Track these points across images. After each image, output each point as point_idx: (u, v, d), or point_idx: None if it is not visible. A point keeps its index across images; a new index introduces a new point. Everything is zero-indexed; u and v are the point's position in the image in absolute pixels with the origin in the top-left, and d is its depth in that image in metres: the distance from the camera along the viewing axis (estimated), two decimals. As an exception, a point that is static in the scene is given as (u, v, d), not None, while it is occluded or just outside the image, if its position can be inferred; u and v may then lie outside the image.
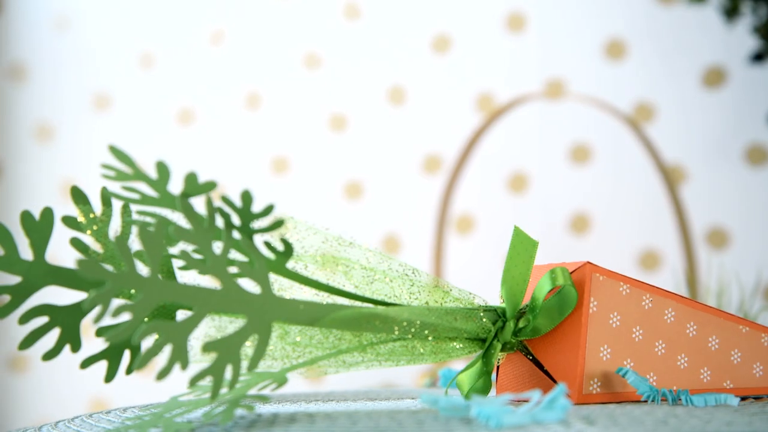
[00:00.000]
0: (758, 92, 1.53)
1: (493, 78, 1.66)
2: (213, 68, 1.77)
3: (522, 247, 0.57)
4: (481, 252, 1.63)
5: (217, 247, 0.47)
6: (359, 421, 0.49)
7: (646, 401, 0.57)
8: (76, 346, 0.49)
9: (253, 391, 0.66)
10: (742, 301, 1.14)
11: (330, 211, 1.70)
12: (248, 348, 0.52)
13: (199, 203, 0.61)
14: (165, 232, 0.46)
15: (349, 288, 0.56)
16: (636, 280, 0.58)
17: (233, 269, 0.48)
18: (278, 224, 0.50)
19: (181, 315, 0.54)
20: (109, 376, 0.52)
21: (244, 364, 0.52)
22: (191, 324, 0.46)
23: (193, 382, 0.47)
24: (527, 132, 1.63)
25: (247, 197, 0.50)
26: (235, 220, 0.51)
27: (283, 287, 0.54)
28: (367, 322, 0.52)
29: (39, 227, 0.48)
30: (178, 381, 0.65)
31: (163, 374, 0.46)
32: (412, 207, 1.67)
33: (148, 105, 1.79)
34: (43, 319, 0.48)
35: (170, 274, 0.53)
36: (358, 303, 0.55)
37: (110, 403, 1.76)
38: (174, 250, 0.51)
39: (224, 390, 0.50)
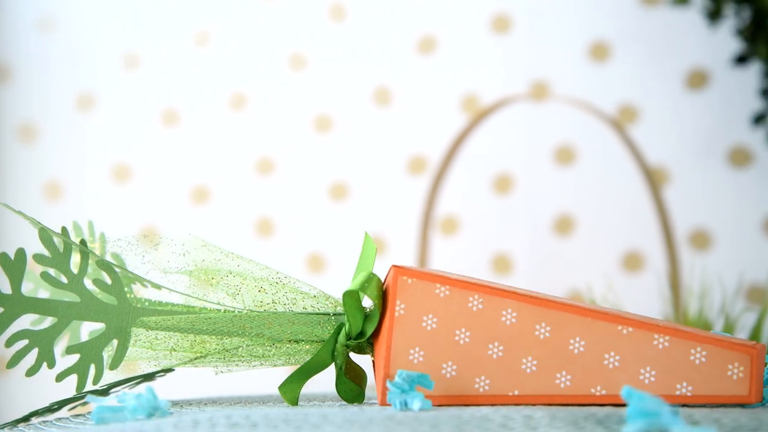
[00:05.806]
0: (741, 94, 1.53)
1: (478, 79, 1.66)
2: (198, 69, 1.77)
3: (367, 251, 0.59)
4: (466, 253, 1.63)
5: (74, 267, 0.57)
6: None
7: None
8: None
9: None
10: (724, 302, 1.14)
11: (315, 212, 1.70)
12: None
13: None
14: (24, 258, 0.56)
15: (237, 302, 0.61)
16: (464, 281, 0.56)
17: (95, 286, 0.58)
18: (102, 249, 0.59)
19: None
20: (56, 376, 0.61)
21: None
22: (55, 331, 0.57)
23: (59, 378, 0.57)
24: (512, 133, 1.63)
25: (63, 230, 0.58)
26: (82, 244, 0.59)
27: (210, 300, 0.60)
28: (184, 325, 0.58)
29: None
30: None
31: (31, 372, 0.57)
32: (396, 208, 1.67)
33: (133, 106, 1.78)
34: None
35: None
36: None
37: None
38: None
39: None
